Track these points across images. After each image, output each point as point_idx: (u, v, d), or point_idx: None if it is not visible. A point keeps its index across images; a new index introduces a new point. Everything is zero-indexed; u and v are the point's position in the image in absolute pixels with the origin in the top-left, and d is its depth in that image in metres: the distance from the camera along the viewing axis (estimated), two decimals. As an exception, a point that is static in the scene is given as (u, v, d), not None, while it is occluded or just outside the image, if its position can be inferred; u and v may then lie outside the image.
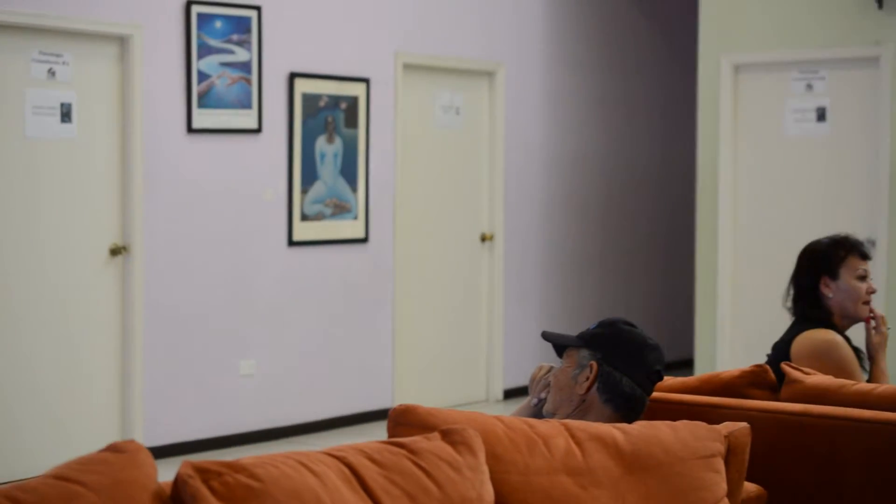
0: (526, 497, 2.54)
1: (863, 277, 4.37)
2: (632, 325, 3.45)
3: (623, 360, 3.34)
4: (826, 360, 4.13)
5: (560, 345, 3.51)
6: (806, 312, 4.36)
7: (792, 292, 4.45)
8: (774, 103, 8.77)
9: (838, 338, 4.24)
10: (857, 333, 4.39)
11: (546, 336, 3.53)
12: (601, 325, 3.45)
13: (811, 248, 4.47)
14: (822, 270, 4.37)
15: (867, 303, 4.37)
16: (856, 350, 4.28)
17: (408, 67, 8.78)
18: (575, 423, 2.71)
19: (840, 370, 4.10)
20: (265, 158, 7.92)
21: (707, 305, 9.01)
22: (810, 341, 4.24)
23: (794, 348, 4.24)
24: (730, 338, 8.94)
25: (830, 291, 4.35)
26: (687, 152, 10.25)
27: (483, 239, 9.35)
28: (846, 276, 4.36)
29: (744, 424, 3.06)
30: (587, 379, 3.33)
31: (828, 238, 4.46)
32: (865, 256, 4.41)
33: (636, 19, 10.51)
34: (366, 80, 8.44)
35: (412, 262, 8.88)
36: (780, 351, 4.29)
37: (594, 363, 3.34)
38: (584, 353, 3.39)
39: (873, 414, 3.45)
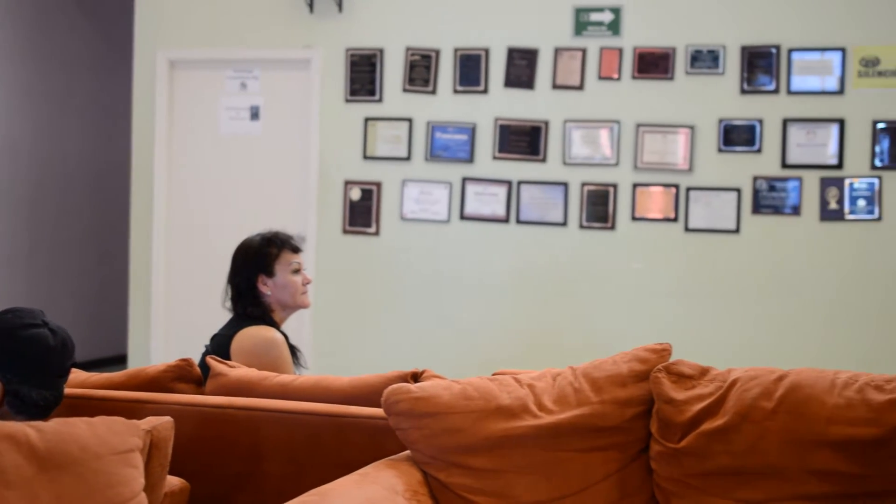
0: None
1: (297, 270, 4.54)
2: (33, 322, 3.22)
3: (28, 374, 3.17)
4: (265, 358, 4.26)
5: None
6: (247, 310, 4.46)
7: (230, 292, 4.53)
8: (210, 101, 8.85)
9: (278, 336, 4.38)
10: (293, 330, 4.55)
11: None
12: None
13: (244, 247, 4.58)
14: (258, 269, 4.50)
15: (305, 293, 4.54)
16: (292, 348, 4.42)
17: None
18: (-14, 423, 2.61)
19: (276, 367, 4.24)
20: None
21: (141, 301, 8.94)
22: (251, 339, 4.35)
23: (235, 345, 4.34)
24: (164, 333, 8.93)
25: (268, 289, 4.49)
26: (124, 147, 10.13)
27: None
28: (282, 272, 4.51)
29: (167, 419, 3.06)
30: None
31: (259, 236, 4.59)
32: (297, 250, 4.59)
33: (72, 10, 10.26)
34: None
35: None
36: (221, 346, 4.36)
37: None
38: None
39: (292, 405, 3.57)
